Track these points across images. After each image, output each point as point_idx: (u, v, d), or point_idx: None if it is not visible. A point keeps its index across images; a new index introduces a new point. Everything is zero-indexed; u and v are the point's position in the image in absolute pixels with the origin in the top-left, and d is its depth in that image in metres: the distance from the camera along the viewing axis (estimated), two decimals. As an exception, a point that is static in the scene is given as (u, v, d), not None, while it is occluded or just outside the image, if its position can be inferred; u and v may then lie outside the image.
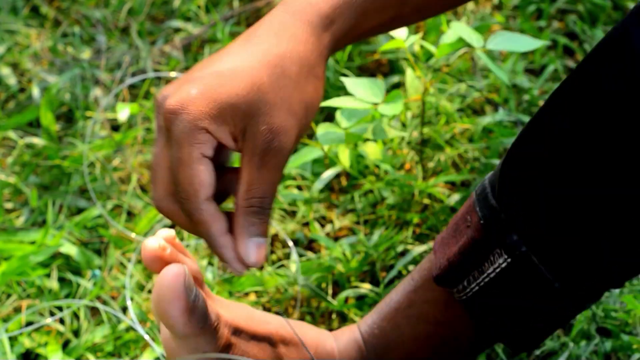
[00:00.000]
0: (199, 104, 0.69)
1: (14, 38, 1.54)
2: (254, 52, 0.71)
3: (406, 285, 0.90)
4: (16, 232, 1.19)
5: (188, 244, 1.17)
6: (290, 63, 0.71)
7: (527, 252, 0.78)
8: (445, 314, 0.87)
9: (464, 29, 1.06)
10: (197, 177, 0.70)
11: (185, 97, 0.70)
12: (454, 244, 0.83)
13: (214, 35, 1.52)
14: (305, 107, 0.72)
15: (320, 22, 0.74)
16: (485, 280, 0.81)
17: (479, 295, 0.82)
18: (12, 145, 1.35)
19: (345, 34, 0.76)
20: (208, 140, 0.69)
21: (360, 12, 0.76)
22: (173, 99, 0.70)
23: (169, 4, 1.62)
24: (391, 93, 0.99)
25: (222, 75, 0.70)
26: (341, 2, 0.75)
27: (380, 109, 0.99)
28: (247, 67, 0.70)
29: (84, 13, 1.60)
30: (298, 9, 0.73)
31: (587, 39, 1.46)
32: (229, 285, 1.12)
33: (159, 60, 1.50)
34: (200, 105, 0.69)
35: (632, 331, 1.02)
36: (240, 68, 0.70)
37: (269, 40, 0.72)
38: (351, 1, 0.75)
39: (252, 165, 0.71)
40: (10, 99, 1.45)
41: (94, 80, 1.45)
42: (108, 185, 1.26)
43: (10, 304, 1.10)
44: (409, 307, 0.89)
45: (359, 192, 1.22)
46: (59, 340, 1.07)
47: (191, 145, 0.69)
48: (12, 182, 1.26)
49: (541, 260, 0.78)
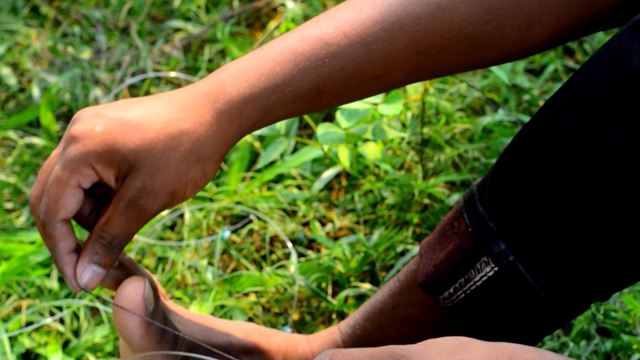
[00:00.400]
0: (95, 141, 0.75)
1: (14, 38, 1.54)
2: (160, 117, 0.76)
3: (392, 287, 0.90)
4: (16, 232, 1.19)
5: (188, 244, 1.17)
6: (188, 141, 0.75)
7: (514, 261, 0.78)
8: (429, 317, 0.87)
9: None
10: (63, 199, 0.76)
11: (88, 130, 0.75)
12: (440, 249, 0.83)
13: (214, 35, 1.52)
14: (185, 185, 0.76)
15: (228, 113, 0.76)
16: (472, 288, 0.81)
17: (465, 302, 0.82)
18: (12, 145, 1.35)
19: (254, 124, 0.78)
20: (89, 175, 0.75)
21: (270, 105, 0.77)
22: (79, 127, 0.75)
23: (169, 4, 1.62)
24: (391, 93, 0.99)
25: (127, 125, 0.75)
26: (251, 97, 0.76)
27: (381, 109, 0.99)
28: (149, 128, 0.75)
29: (84, 13, 1.60)
30: (212, 92, 0.77)
31: (587, 39, 1.46)
32: (229, 285, 1.12)
33: (159, 60, 1.50)
34: (96, 144, 0.75)
35: (632, 331, 1.02)
36: (144, 126, 0.75)
37: (179, 113, 0.76)
38: (262, 96, 0.76)
39: (117, 208, 0.76)
40: (10, 99, 1.45)
41: (94, 80, 1.45)
42: (108, 185, 1.26)
43: (10, 304, 1.10)
44: (394, 308, 0.89)
45: (359, 192, 1.22)
46: (59, 340, 1.07)
47: (73, 172, 0.75)
48: (12, 182, 1.26)
49: (528, 269, 0.78)
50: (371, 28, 0.76)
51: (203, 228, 1.19)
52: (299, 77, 0.76)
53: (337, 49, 0.76)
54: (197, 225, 1.20)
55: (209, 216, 1.20)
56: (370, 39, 0.76)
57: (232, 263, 1.17)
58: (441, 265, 0.82)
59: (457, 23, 0.76)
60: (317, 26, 0.78)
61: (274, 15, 1.59)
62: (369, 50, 0.76)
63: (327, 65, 0.76)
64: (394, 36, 0.76)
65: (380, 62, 0.77)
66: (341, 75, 0.76)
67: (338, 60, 0.76)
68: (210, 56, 1.49)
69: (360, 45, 0.76)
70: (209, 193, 1.23)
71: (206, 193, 1.23)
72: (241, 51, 1.46)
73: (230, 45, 1.46)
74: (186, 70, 1.48)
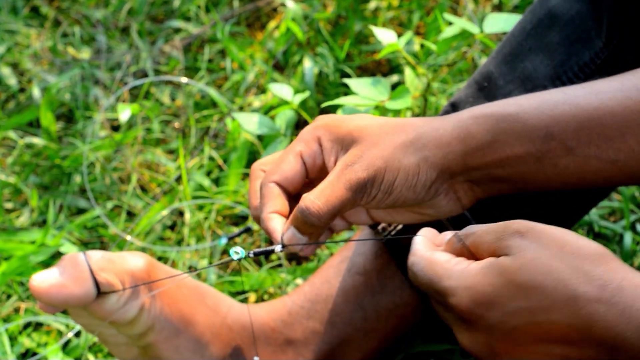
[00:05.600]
0: (327, 119, 0.81)
1: (14, 38, 1.54)
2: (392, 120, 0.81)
3: (342, 248, 0.95)
4: (16, 232, 1.19)
5: (181, 249, 1.17)
6: (412, 131, 0.77)
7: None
8: (373, 263, 0.93)
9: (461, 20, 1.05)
10: (283, 163, 0.80)
11: (322, 117, 0.82)
12: None
13: (214, 35, 1.52)
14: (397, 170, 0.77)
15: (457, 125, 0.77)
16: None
17: (401, 233, 0.89)
18: (12, 145, 1.35)
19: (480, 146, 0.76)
20: (313, 148, 0.80)
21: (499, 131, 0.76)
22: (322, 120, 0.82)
23: (169, 4, 1.62)
24: (397, 89, 0.99)
25: (358, 115, 0.81)
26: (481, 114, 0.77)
27: (388, 104, 0.98)
28: (379, 119, 0.80)
29: (84, 13, 1.60)
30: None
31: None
32: (230, 285, 1.12)
33: (159, 60, 1.50)
34: (327, 120, 0.81)
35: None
36: (374, 118, 0.81)
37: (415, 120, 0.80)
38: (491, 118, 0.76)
39: (330, 174, 0.77)
40: (10, 99, 1.45)
41: (94, 80, 1.45)
42: (108, 185, 1.26)
43: (11, 304, 1.10)
44: (341, 262, 0.95)
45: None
46: (59, 340, 1.07)
47: (299, 141, 0.80)
48: (12, 182, 1.26)
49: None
50: (609, 83, 0.75)
51: (204, 228, 1.19)
52: (531, 111, 0.75)
53: (573, 96, 0.75)
54: (197, 224, 1.19)
55: (210, 216, 1.20)
56: (606, 94, 0.75)
57: (232, 263, 1.17)
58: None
59: None
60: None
61: (274, 15, 1.59)
62: (603, 104, 0.74)
63: (559, 107, 0.75)
64: (630, 97, 0.74)
65: (612, 120, 0.74)
66: (572, 122, 0.75)
67: (571, 106, 0.75)
68: (210, 56, 1.49)
69: (595, 97, 0.75)
70: (209, 193, 1.23)
71: (206, 193, 1.23)
72: (241, 51, 1.47)
73: (230, 45, 1.46)
74: (186, 70, 1.48)
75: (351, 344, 0.94)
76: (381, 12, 1.52)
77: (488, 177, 0.77)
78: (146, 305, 0.84)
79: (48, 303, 0.79)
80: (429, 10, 1.54)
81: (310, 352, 0.93)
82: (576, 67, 0.87)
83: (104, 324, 0.82)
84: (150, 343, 0.86)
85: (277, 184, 0.80)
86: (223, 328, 0.91)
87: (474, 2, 1.54)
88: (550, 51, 0.87)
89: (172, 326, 0.86)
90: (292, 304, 0.94)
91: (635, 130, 0.74)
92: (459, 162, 0.76)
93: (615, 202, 1.17)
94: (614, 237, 1.14)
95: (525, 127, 0.75)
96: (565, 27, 0.87)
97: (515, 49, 0.90)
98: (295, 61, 1.44)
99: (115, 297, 0.81)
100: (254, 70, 1.43)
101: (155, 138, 1.35)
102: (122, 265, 0.83)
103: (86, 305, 0.80)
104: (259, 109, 1.37)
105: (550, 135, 0.75)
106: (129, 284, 0.82)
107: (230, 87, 1.43)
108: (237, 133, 1.29)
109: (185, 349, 0.87)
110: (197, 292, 0.91)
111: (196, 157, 1.30)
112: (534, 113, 0.75)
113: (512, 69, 0.89)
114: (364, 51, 1.47)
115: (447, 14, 1.08)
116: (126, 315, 0.82)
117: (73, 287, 0.79)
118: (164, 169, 1.30)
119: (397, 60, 1.43)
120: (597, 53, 0.86)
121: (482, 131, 0.76)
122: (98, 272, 0.80)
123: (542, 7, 0.89)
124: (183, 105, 1.41)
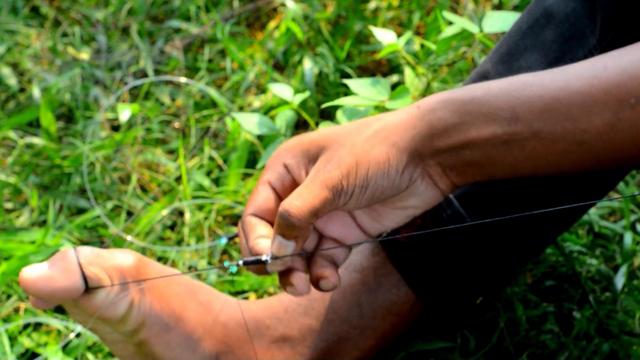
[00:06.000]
0: (288, 141, 0.82)
1: (14, 38, 1.54)
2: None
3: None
4: (16, 232, 1.19)
5: (180, 250, 1.17)
6: (376, 123, 0.79)
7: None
8: (370, 261, 0.94)
9: (461, 19, 1.05)
10: (253, 195, 0.81)
11: (285, 142, 0.83)
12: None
13: (214, 35, 1.52)
14: (368, 161, 0.77)
15: (423, 107, 0.77)
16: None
17: (396, 233, 0.90)
18: (12, 145, 1.35)
19: (446, 128, 0.77)
20: (279, 171, 0.81)
21: (464, 113, 0.76)
22: (283, 144, 0.83)
23: (169, 4, 1.62)
24: (397, 89, 0.99)
25: (319, 131, 0.82)
26: (448, 96, 0.77)
27: (388, 104, 0.98)
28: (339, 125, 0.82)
29: (84, 13, 1.60)
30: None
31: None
32: (230, 285, 1.12)
33: (159, 60, 1.50)
34: (289, 142, 0.82)
35: (632, 331, 1.02)
36: (334, 127, 0.82)
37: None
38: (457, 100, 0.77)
39: (305, 180, 0.78)
40: (10, 99, 1.45)
41: (94, 80, 1.45)
42: (108, 185, 1.26)
43: (11, 304, 1.10)
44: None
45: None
46: (59, 340, 1.07)
47: (265, 170, 0.81)
48: (12, 182, 1.26)
49: (455, 194, 0.90)
50: (580, 65, 0.74)
51: (204, 227, 1.19)
52: (498, 93, 0.75)
53: (541, 78, 0.75)
54: (197, 224, 1.20)
55: (210, 216, 1.20)
56: (574, 74, 0.74)
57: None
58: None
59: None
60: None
61: (274, 15, 1.59)
62: (569, 83, 0.73)
63: (527, 89, 0.74)
64: (597, 76, 0.73)
65: (578, 99, 0.73)
66: (539, 102, 0.74)
67: (539, 87, 0.74)
68: (210, 56, 1.49)
69: (562, 76, 0.74)
70: (209, 193, 1.23)
71: (206, 193, 1.23)
72: (241, 51, 1.47)
73: (230, 45, 1.46)
74: (186, 70, 1.48)
75: (348, 342, 0.94)
76: (381, 12, 1.52)
77: (458, 161, 0.77)
78: (135, 301, 0.84)
79: (36, 295, 0.80)
80: (429, 10, 1.54)
81: (307, 349, 0.93)
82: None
83: (94, 320, 0.83)
84: (144, 340, 0.87)
85: (254, 215, 0.80)
86: (216, 324, 0.91)
87: (474, 2, 1.54)
88: (545, 49, 0.89)
89: (163, 322, 0.87)
90: (289, 301, 0.95)
91: (601, 110, 0.72)
92: (426, 143, 0.77)
93: (615, 202, 1.17)
94: (614, 237, 1.14)
95: (491, 109, 0.75)
96: (560, 25, 0.88)
97: (511, 48, 0.91)
98: (295, 61, 1.45)
99: (104, 292, 0.81)
100: (254, 70, 1.43)
101: (155, 138, 1.35)
102: (111, 261, 0.83)
103: (75, 299, 0.81)
104: (259, 109, 1.37)
105: (516, 116, 0.74)
106: (118, 280, 0.83)
107: (230, 87, 1.43)
108: (237, 133, 1.29)
109: (177, 345, 0.88)
110: (188, 288, 0.91)
111: (196, 157, 1.30)
112: (501, 95, 0.75)
113: (508, 68, 0.90)
114: (364, 51, 1.47)
115: (447, 13, 1.08)
116: (116, 311, 0.83)
117: (61, 279, 0.79)
118: (164, 169, 1.30)
119: (397, 60, 1.43)
120: (591, 50, 0.87)
121: (448, 113, 0.76)
122: (86, 266, 0.80)
123: (539, 6, 0.91)
124: (183, 105, 1.41)
